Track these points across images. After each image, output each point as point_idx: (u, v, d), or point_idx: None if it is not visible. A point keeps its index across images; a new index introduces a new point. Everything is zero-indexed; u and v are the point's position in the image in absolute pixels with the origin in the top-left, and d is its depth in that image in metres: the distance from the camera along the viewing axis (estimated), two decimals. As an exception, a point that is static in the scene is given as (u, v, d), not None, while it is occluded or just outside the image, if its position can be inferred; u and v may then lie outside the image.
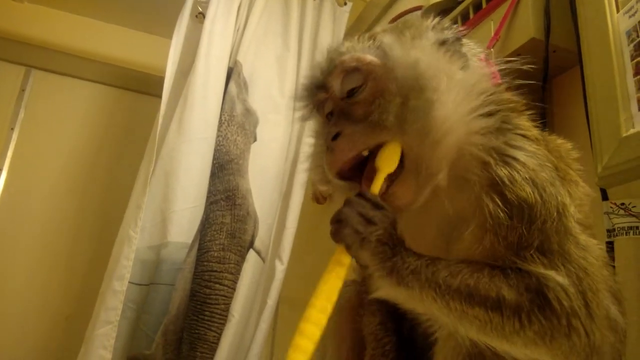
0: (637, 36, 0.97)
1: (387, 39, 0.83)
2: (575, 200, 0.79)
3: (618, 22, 1.03)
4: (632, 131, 0.95)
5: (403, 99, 0.77)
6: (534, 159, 0.75)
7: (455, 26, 0.88)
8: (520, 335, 0.67)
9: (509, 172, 0.73)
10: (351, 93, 0.83)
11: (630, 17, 1.00)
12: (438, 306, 0.71)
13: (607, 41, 1.03)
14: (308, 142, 1.01)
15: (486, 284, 0.69)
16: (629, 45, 0.99)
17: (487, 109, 0.78)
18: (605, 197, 1.10)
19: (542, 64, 1.28)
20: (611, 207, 1.08)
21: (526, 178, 0.72)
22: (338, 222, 0.75)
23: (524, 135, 0.79)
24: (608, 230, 1.08)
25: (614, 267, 1.02)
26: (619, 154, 0.96)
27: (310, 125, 1.00)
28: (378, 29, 0.92)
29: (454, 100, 0.77)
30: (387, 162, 0.77)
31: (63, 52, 3.08)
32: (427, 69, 0.78)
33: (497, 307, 0.68)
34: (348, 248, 0.73)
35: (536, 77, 1.29)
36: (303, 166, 2.13)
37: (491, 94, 0.80)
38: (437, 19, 0.89)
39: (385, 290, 0.74)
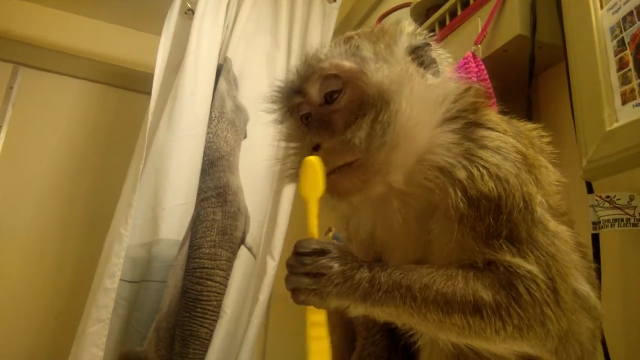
0: (621, 32, 0.99)
1: (363, 47, 0.84)
2: (545, 187, 0.81)
3: (602, 19, 1.05)
4: (615, 125, 0.97)
5: (373, 114, 0.78)
6: (497, 153, 0.77)
7: (426, 33, 0.90)
8: (500, 334, 0.69)
9: (468, 173, 0.75)
10: (329, 99, 0.83)
11: (613, 13, 1.02)
12: (416, 320, 0.73)
13: (592, 37, 1.05)
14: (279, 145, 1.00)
15: (462, 289, 0.70)
16: (612, 41, 1.01)
17: (450, 114, 0.80)
18: (590, 190, 1.12)
19: (529, 60, 1.30)
20: (596, 200, 1.10)
21: (489, 174, 0.74)
22: (292, 290, 0.75)
23: (490, 128, 0.81)
24: (593, 223, 1.10)
25: (596, 256, 1.04)
26: (603, 148, 0.98)
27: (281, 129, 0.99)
28: (353, 32, 0.91)
29: (417, 112, 0.78)
30: (314, 184, 0.76)
31: (51, 49, 3.06)
32: (395, 83, 0.79)
33: (476, 310, 0.70)
34: (315, 305, 0.74)
35: (523, 73, 1.32)
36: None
37: (456, 98, 0.82)
38: (411, 24, 0.90)
39: (362, 311, 0.75)
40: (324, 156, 0.78)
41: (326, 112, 0.84)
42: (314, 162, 0.76)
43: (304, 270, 0.74)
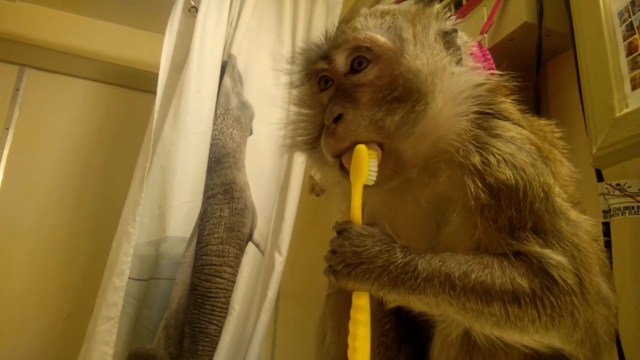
0: (629, 16, 0.97)
1: (402, 26, 0.81)
2: (560, 179, 0.81)
3: (610, 3, 1.03)
4: (625, 111, 0.95)
5: (410, 104, 0.76)
6: (512, 143, 0.76)
7: (453, 16, 0.88)
8: (536, 324, 0.68)
9: (483, 158, 0.74)
10: (356, 70, 0.81)
11: (622, -3, 1.00)
12: (454, 309, 0.71)
13: (600, 22, 1.03)
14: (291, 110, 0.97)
15: (500, 277, 0.69)
16: (621, 25, 0.99)
17: (472, 106, 0.79)
18: (600, 178, 1.11)
19: (536, 48, 1.29)
20: (607, 188, 1.08)
21: (504, 161, 0.73)
22: (333, 269, 0.74)
23: (505, 118, 0.80)
24: (604, 211, 1.09)
25: (607, 245, 1.03)
26: (613, 134, 0.96)
27: (296, 93, 0.96)
28: (389, 7, 0.89)
29: (446, 105, 0.77)
30: (359, 171, 0.75)
31: (56, 50, 3.07)
32: (431, 74, 0.77)
33: (515, 299, 0.68)
34: (333, 282, 0.74)
35: (530, 61, 1.30)
36: (300, 158, 2.13)
37: (477, 89, 0.80)
38: (439, 7, 0.88)
39: (396, 298, 0.74)
40: (345, 130, 0.76)
41: (350, 83, 0.81)
42: (363, 150, 0.75)
43: (331, 248, 0.75)
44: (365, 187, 0.77)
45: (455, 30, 0.85)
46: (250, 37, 2.27)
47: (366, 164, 0.75)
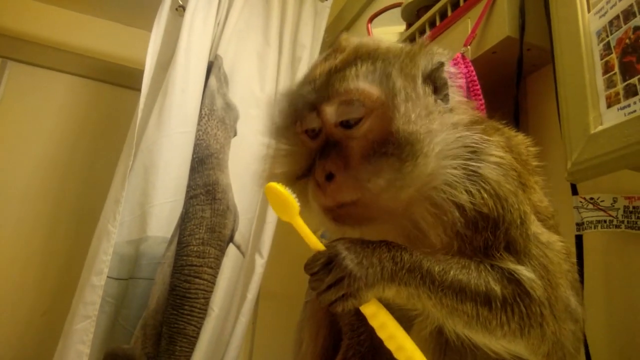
0: (607, 36, 1.00)
1: (394, 74, 0.78)
2: (533, 205, 0.84)
3: (589, 22, 1.06)
4: (600, 128, 0.98)
5: (398, 161, 0.74)
6: (498, 167, 0.78)
7: (442, 51, 0.86)
8: (504, 328, 0.71)
9: (469, 195, 0.75)
10: (347, 123, 0.78)
11: (600, 17, 1.03)
12: (431, 303, 0.72)
13: (578, 40, 1.06)
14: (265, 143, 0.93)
15: (475, 279, 0.72)
16: (598, 44, 1.02)
17: (457, 146, 0.78)
18: (575, 191, 1.14)
19: (517, 62, 1.31)
20: (580, 202, 1.12)
21: (488, 192, 0.75)
22: (329, 306, 0.73)
23: (492, 144, 0.81)
24: (577, 224, 1.12)
25: (580, 257, 1.06)
26: (588, 151, 0.99)
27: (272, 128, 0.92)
28: (380, 46, 0.84)
29: (434, 158, 0.76)
30: (284, 206, 0.74)
31: (40, 43, 3.02)
32: (423, 126, 0.75)
33: (487, 301, 0.71)
34: (357, 306, 0.73)
35: (512, 74, 1.33)
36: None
37: (465, 131, 0.80)
38: (426, 42, 0.86)
39: (394, 292, 0.74)
40: (336, 191, 0.76)
41: (342, 134, 0.79)
42: (274, 187, 0.73)
43: (326, 285, 0.72)
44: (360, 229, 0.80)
45: (442, 64, 0.83)
46: (238, 38, 2.27)
47: (287, 197, 0.73)
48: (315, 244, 0.75)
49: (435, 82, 0.82)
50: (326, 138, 0.81)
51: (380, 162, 0.74)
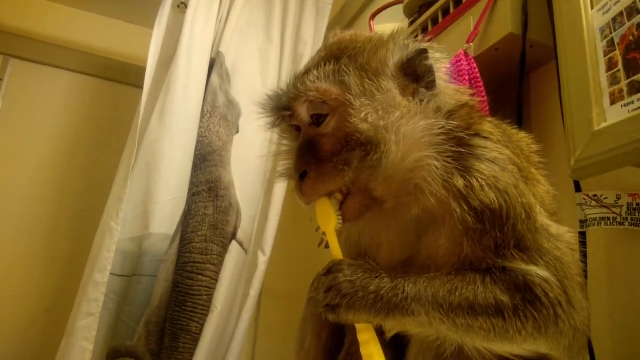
0: (611, 33, 1.00)
1: (351, 73, 0.81)
2: (538, 197, 0.83)
3: (592, 19, 1.05)
4: (603, 125, 0.97)
5: (362, 153, 0.77)
6: (494, 164, 0.78)
7: (421, 37, 0.88)
8: (522, 334, 0.72)
9: (466, 182, 0.76)
10: (317, 121, 0.83)
11: (604, 14, 1.02)
12: (446, 326, 0.73)
13: (582, 37, 1.05)
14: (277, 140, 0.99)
15: (482, 293, 0.72)
16: (602, 41, 1.02)
17: (443, 132, 0.79)
18: (578, 188, 1.14)
19: (520, 59, 1.31)
20: (584, 199, 1.11)
21: (488, 184, 0.75)
22: (330, 305, 0.76)
23: (487, 138, 0.82)
24: (581, 221, 1.11)
25: (583, 254, 1.06)
26: (591, 148, 0.99)
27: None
28: (346, 45, 0.87)
29: (408, 146, 0.77)
30: (327, 220, 0.81)
31: (42, 41, 3.02)
32: (383, 121, 0.77)
33: (498, 312, 0.72)
34: (333, 320, 0.76)
35: (514, 71, 1.33)
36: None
37: (450, 115, 0.81)
38: (405, 31, 0.87)
39: (394, 325, 0.76)
40: (310, 187, 0.81)
41: (315, 133, 0.84)
42: (325, 202, 0.81)
43: (314, 289, 0.78)
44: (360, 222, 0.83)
45: (423, 51, 0.83)
46: (240, 35, 2.27)
47: (331, 212, 0.80)
48: (336, 254, 0.81)
49: (416, 71, 0.82)
50: (304, 137, 0.86)
51: (348, 156, 0.78)
